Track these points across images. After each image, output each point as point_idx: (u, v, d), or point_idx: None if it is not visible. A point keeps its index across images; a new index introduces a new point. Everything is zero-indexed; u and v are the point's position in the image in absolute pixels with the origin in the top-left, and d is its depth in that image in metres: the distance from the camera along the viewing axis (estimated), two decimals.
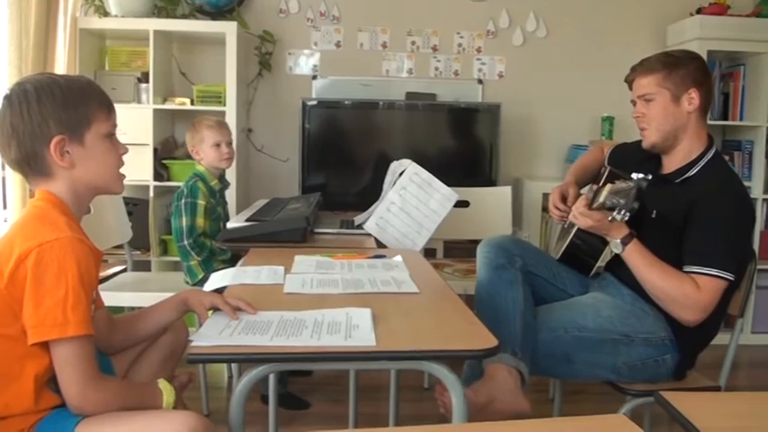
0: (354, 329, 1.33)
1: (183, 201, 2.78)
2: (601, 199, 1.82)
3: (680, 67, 1.97)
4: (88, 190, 1.48)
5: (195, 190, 2.80)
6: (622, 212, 1.76)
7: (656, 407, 1.32)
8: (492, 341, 1.29)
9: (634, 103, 2.07)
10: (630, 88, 2.09)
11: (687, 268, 1.85)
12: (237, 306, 1.45)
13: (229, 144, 2.91)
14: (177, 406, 1.44)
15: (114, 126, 1.50)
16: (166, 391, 1.42)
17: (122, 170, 1.53)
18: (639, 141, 2.11)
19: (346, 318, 1.40)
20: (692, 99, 1.96)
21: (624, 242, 1.91)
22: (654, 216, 2.00)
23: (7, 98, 1.40)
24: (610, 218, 1.81)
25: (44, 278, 1.28)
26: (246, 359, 1.25)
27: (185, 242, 2.75)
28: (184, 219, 2.76)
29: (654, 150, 2.06)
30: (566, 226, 2.28)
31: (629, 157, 2.21)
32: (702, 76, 1.99)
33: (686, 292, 1.83)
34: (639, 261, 1.90)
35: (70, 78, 1.46)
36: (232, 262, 2.61)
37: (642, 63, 2.04)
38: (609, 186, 1.82)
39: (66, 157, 1.41)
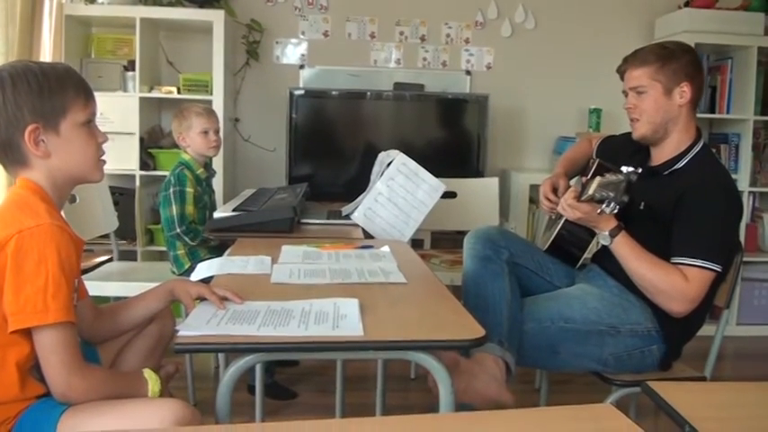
0: (342, 319, 1.33)
1: (171, 190, 2.75)
2: (590, 191, 1.82)
3: (673, 60, 1.96)
4: (66, 179, 1.46)
5: (183, 178, 2.78)
6: (611, 205, 1.76)
7: (642, 397, 1.33)
8: (479, 331, 1.29)
9: (626, 93, 2.06)
10: (622, 79, 2.08)
11: (675, 260, 1.86)
12: (224, 296, 1.44)
13: (217, 132, 2.89)
14: (163, 396, 1.43)
15: (93, 114, 1.47)
16: (152, 380, 1.42)
17: (106, 159, 1.51)
18: (628, 134, 2.11)
19: (334, 308, 1.40)
20: (683, 92, 1.96)
21: (612, 234, 1.91)
22: (642, 208, 2.00)
23: None
24: (599, 210, 1.80)
25: (24, 265, 1.27)
26: (233, 349, 1.24)
27: (178, 230, 2.72)
28: (174, 207, 2.73)
29: (643, 142, 2.06)
30: (553, 218, 2.29)
31: (617, 149, 2.21)
32: (695, 69, 1.99)
33: (674, 283, 1.83)
34: (628, 253, 1.91)
35: (47, 66, 1.43)
36: (219, 252, 2.60)
37: (635, 54, 2.03)
38: (598, 179, 1.81)
39: (41, 146, 1.39)
